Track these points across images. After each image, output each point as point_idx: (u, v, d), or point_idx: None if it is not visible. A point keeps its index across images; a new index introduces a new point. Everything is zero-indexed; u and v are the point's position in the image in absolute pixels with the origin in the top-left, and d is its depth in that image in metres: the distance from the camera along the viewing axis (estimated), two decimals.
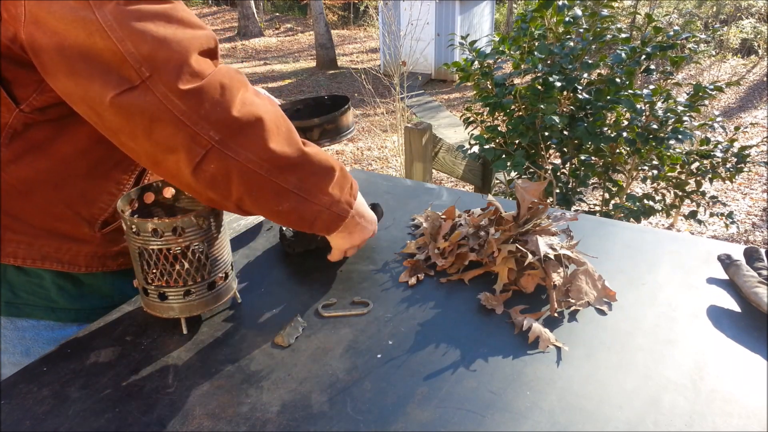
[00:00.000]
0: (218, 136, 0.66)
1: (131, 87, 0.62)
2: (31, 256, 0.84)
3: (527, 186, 0.97)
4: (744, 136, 7.89)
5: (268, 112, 0.70)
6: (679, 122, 2.83)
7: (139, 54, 0.61)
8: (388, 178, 1.48)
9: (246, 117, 0.67)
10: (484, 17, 13.15)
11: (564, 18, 3.00)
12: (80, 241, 0.87)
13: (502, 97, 3.04)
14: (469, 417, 0.70)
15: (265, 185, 0.72)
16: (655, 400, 0.72)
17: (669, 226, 4.95)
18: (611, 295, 0.93)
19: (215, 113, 0.65)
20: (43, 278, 0.87)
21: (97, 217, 0.87)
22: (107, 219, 0.88)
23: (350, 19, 19.28)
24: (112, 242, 0.90)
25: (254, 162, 0.70)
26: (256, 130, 0.69)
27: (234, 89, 0.67)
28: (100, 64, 0.62)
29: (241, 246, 1.15)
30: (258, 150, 0.69)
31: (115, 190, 0.87)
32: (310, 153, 0.75)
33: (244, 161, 0.69)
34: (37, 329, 0.90)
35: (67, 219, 0.85)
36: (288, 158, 0.72)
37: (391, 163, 7.39)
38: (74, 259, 0.87)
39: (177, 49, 0.63)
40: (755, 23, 15.39)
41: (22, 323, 0.89)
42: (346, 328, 0.88)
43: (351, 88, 11.55)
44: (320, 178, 0.77)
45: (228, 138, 0.67)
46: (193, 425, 0.69)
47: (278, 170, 0.72)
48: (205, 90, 0.64)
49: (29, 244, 0.83)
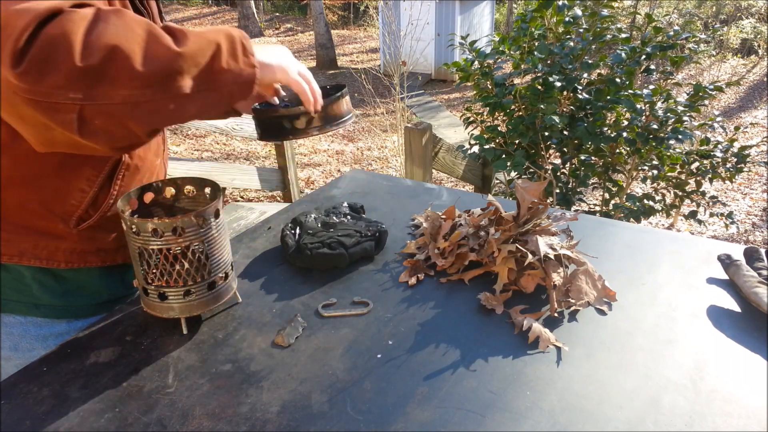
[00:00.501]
0: (80, 94, 0.59)
1: None
2: (9, 252, 0.84)
3: (527, 186, 0.97)
4: (744, 136, 7.89)
5: (119, 34, 0.60)
6: (679, 122, 2.83)
7: None
8: (388, 178, 1.48)
9: (97, 57, 0.59)
10: (484, 17, 13.14)
11: (564, 18, 3.00)
12: (57, 237, 0.87)
13: (502, 97, 3.04)
14: (469, 417, 0.70)
15: (160, 106, 0.66)
16: (655, 400, 0.72)
17: (669, 226, 4.95)
18: (611, 295, 0.93)
19: (59, 76, 0.57)
20: (23, 275, 0.87)
21: (71, 213, 0.86)
22: (82, 216, 0.87)
23: (350, 19, 19.28)
24: (90, 239, 0.90)
25: (133, 94, 0.62)
26: (116, 63, 0.60)
27: (69, 35, 0.58)
28: None
29: (241, 246, 1.15)
30: (129, 80, 0.61)
31: (86, 186, 0.85)
32: (186, 49, 0.66)
33: (123, 100, 0.62)
34: (24, 325, 0.90)
35: (42, 216, 0.84)
36: (165, 68, 0.64)
37: (391, 163, 7.39)
38: (52, 255, 0.87)
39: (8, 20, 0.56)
40: (755, 23, 15.39)
41: (8, 319, 0.89)
42: (346, 328, 0.88)
43: (351, 88, 11.51)
44: (209, 64, 0.69)
45: (90, 90, 0.60)
46: (193, 425, 0.69)
47: (162, 86, 0.64)
48: (37, 58, 0.56)
49: (7, 241, 0.83)
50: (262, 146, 7.65)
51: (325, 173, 6.97)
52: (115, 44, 0.60)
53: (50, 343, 0.91)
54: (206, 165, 3.45)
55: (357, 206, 1.23)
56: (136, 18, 0.63)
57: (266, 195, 5.32)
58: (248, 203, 4.31)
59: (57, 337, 0.91)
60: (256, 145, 7.69)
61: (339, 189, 1.42)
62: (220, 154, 7.40)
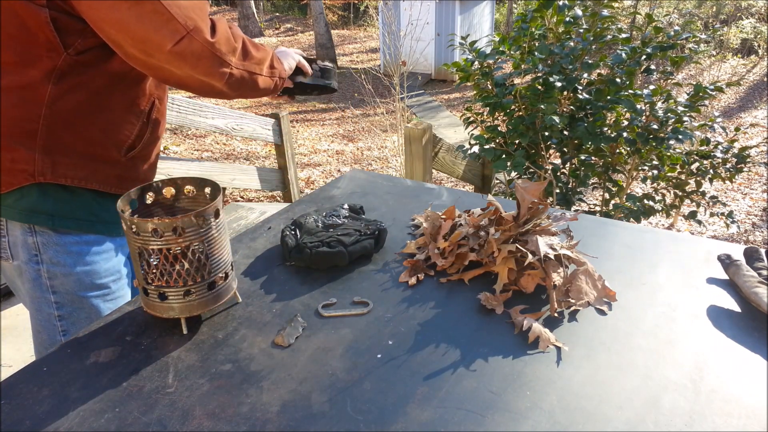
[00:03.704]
0: (236, 59, 0.98)
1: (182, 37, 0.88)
2: (76, 176, 1.01)
3: (527, 186, 0.97)
4: (744, 136, 7.89)
5: (240, 36, 1.01)
6: (679, 122, 2.83)
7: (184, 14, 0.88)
8: (388, 178, 1.48)
9: (239, 41, 0.99)
10: (484, 17, 13.15)
11: (564, 18, 3.00)
12: (110, 163, 1.05)
13: (502, 97, 3.04)
14: (469, 417, 0.70)
15: (254, 82, 1.06)
16: (655, 400, 0.72)
17: (669, 226, 4.95)
18: (611, 295, 0.93)
19: (230, 44, 0.96)
20: (86, 196, 1.04)
21: (123, 142, 1.06)
22: (130, 145, 1.07)
23: (350, 19, 19.28)
24: (132, 168, 1.10)
25: (257, 68, 1.05)
26: (246, 45, 1.01)
27: (224, 25, 0.96)
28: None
29: (241, 246, 1.15)
30: (250, 59, 1.03)
31: (134, 120, 1.06)
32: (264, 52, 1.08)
33: (251, 70, 1.03)
34: (79, 245, 1.05)
35: (101, 143, 1.03)
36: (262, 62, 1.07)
37: (391, 163, 7.39)
38: (106, 180, 1.06)
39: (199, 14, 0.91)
40: (755, 23, 15.39)
41: (68, 239, 1.04)
42: (346, 328, 0.88)
43: (351, 88, 11.55)
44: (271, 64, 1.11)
45: (238, 60, 0.99)
46: (193, 425, 0.69)
47: (260, 70, 1.07)
48: (221, 33, 0.94)
49: (74, 166, 1.01)
50: (262, 146, 7.65)
51: (325, 173, 6.97)
52: (242, 36, 1.01)
53: (99, 258, 1.08)
54: (206, 165, 3.46)
55: (356, 207, 1.23)
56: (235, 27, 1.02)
57: (266, 195, 5.33)
58: (248, 203, 4.32)
59: (104, 254, 1.09)
60: (256, 145, 7.69)
61: (339, 189, 1.42)
62: (220, 154, 7.40)
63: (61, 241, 1.04)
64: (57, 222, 1.02)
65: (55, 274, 1.05)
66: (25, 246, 1.03)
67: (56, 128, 0.97)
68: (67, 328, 1.08)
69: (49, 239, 1.03)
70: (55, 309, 1.07)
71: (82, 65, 0.95)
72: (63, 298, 1.06)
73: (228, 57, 0.95)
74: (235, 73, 0.99)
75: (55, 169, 0.99)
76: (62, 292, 1.06)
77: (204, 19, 0.91)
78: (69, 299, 1.06)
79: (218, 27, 0.93)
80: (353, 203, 1.25)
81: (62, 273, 1.05)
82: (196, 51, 0.90)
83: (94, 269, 1.07)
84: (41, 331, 1.10)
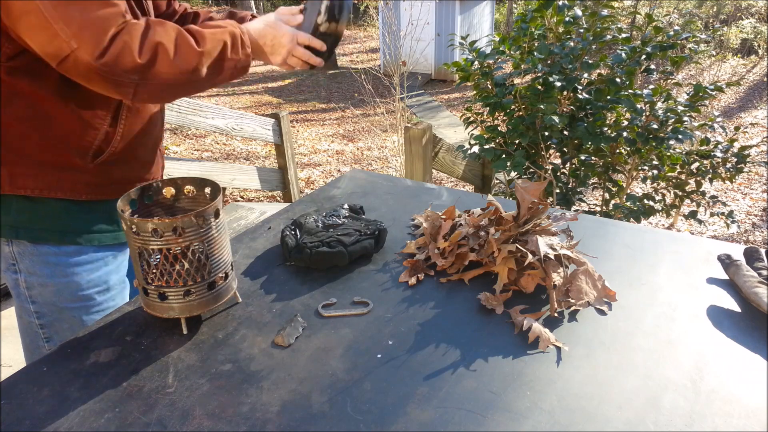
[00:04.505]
0: (137, 77, 0.86)
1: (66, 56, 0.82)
2: (38, 186, 0.98)
3: (527, 186, 0.97)
4: (744, 136, 7.89)
5: (162, 39, 0.89)
6: (679, 122, 2.83)
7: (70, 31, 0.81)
8: (388, 178, 1.48)
9: (148, 55, 0.87)
10: (484, 17, 13.14)
11: (564, 18, 3.00)
12: (77, 170, 1.00)
13: (502, 97, 3.03)
14: (469, 417, 0.70)
15: (186, 86, 0.94)
16: (655, 400, 0.72)
17: (669, 226, 4.95)
18: (611, 295, 0.93)
19: (127, 67, 0.85)
20: (53, 206, 1.00)
21: (87, 149, 1.00)
22: (96, 151, 1.01)
23: (350, 19, 19.28)
24: (104, 173, 1.04)
25: (170, 78, 0.90)
26: (160, 58, 0.88)
27: (133, 41, 0.85)
28: None
29: (241, 246, 1.15)
30: (168, 69, 0.89)
31: (97, 124, 1.00)
32: (204, 48, 0.94)
33: (164, 81, 0.90)
34: (58, 255, 1.02)
35: (62, 152, 0.98)
36: (191, 62, 0.92)
37: (391, 163, 7.39)
38: (75, 188, 1.01)
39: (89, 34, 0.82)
40: (755, 23, 15.38)
41: (45, 249, 1.01)
42: (346, 328, 0.88)
43: (351, 88, 11.55)
44: (219, 57, 0.96)
45: (144, 75, 0.87)
46: (193, 425, 0.69)
47: (189, 74, 0.92)
48: (114, 55, 0.84)
49: (34, 176, 0.97)
50: (262, 146, 7.65)
51: (325, 173, 6.97)
52: (159, 45, 0.88)
53: (80, 270, 1.04)
54: (206, 165, 3.46)
55: (356, 207, 1.23)
56: (171, 26, 0.91)
57: (266, 195, 5.32)
58: (248, 203, 4.32)
59: (86, 265, 1.05)
60: (256, 145, 7.69)
61: (339, 189, 1.42)
62: (220, 154, 7.40)
63: (38, 252, 1.01)
64: (21, 234, 0.99)
65: (33, 284, 1.03)
66: (3, 255, 1.02)
67: (5, 139, 0.94)
68: (50, 335, 1.06)
69: (25, 249, 1.01)
70: (36, 318, 1.05)
71: (18, 71, 0.91)
72: (43, 308, 1.04)
73: (126, 76, 0.84)
74: (145, 88, 0.88)
75: (12, 180, 0.96)
76: (41, 302, 1.04)
77: (93, 38, 0.81)
78: (49, 309, 1.05)
79: (114, 44, 0.83)
80: (353, 203, 1.25)
81: (39, 283, 1.02)
82: (83, 71, 0.83)
83: (74, 281, 1.04)
84: (25, 337, 1.09)
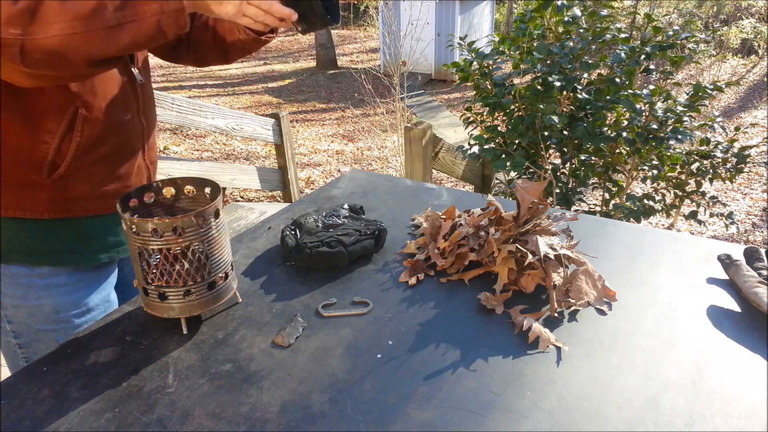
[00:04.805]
0: (19, 30, 0.70)
1: None
2: None
3: (527, 186, 0.97)
4: (744, 136, 7.89)
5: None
6: (679, 122, 2.83)
7: None
8: (388, 178, 1.48)
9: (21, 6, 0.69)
10: (484, 17, 13.14)
11: (563, 18, 3.00)
12: (34, 187, 0.93)
13: (502, 97, 3.03)
14: (469, 417, 0.70)
15: (93, 38, 0.73)
16: (655, 400, 0.72)
17: (669, 226, 4.95)
18: (611, 295, 0.93)
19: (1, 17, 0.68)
20: (14, 226, 0.94)
21: (41, 164, 0.92)
22: (51, 166, 0.93)
23: (350, 19, 19.28)
24: (65, 188, 0.96)
25: (64, 27, 0.71)
26: (45, 2, 0.70)
27: None
28: None
29: (241, 246, 1.15)
30: (57, 15, 0.70)
31: (47, 138, 0.91)
32: None
33: (57, 33, 0.71)
34: (30, 277, 0.98)
35: (14, 168, 0.91)
36: (89, 5, 0.72)
37: (391, 163, 7.39)
38: (35, 206, 0.94)
39: None
40: (755, 23, 15.38)
41: (16, 270, 0.97)
42: (346, 328, 0.88)
43: (351, 88, 11.55)
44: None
45: (27, 27, 0.70)
46: (193, 425, 0.69)
47: (88, 19, 0.72)
48: None
49: None
50: (262, 146, 7.64)
51: (325, 173, 6.97)
52: None
53: (54, 292, 0.99)
54: (206, 165, 3.46)
55: (356, 207, 1.23)
56: None
57: (266, 195, 5.32)
58: (248, 203, 4.32)
59: (60, 288, 1.00)
60: (256, 145, 7.69)
61: (339, 189, 1.42)
62: (220, 154, 7.40)
63: (10, 273, 0.96)
64: None
65: (6, 305, 0.99)
66: None
67: None
68: (29, 356, 1.03)
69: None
70: (13, 338, 1.02)
71: None
72: (19, 329, 1.01)
73: (5, 30, 0.69)
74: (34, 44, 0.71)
75: None
76: (17, 323, 1.01)
77: None
78: (25, 330, 1.01)
79: None
80: (353, 203, 1.25)
81: (12, 305, 0.99)
82: None
83: (48, 303, 0.99)
84: (6, 355, 1.05)
